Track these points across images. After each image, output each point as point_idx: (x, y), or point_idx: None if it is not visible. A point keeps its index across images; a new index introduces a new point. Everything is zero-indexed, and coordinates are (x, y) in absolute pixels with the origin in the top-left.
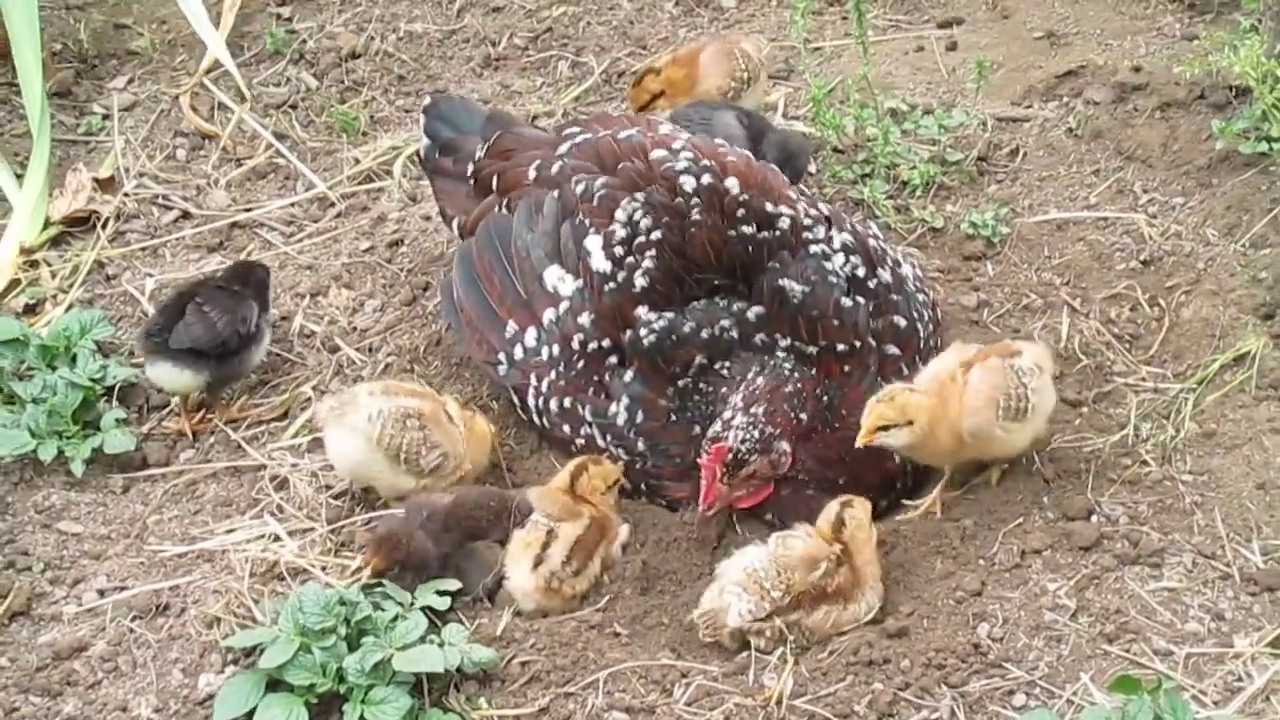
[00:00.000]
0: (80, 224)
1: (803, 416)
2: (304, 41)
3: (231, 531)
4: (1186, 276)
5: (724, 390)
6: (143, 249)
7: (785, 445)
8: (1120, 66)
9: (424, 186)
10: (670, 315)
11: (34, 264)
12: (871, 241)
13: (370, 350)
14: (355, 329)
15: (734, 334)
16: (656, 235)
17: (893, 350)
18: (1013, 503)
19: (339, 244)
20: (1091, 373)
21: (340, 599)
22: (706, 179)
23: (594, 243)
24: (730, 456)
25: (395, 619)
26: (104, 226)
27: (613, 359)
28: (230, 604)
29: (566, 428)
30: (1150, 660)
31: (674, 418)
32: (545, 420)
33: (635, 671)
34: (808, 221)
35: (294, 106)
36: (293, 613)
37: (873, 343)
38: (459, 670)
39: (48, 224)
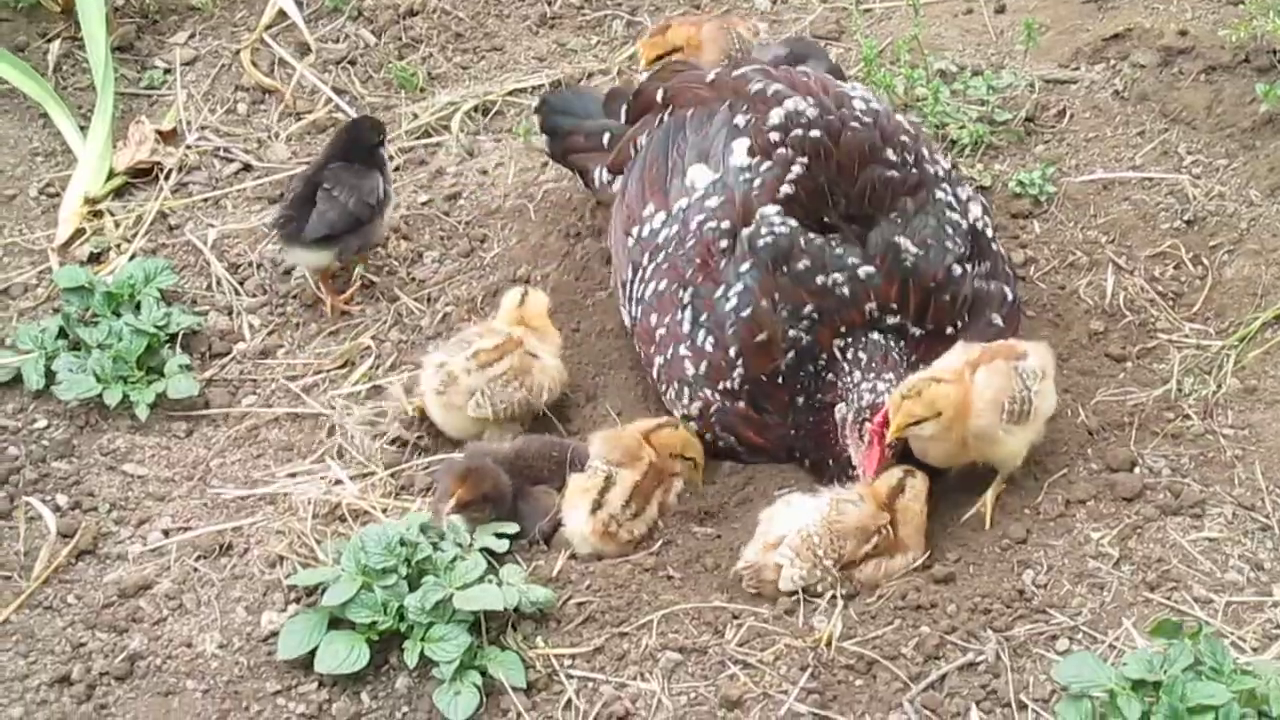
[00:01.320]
0: (143, 175)
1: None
2: None
3: (293, 475)
4: (1229, 236)
5: (839, 371)
6: (204, 200)
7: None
8: (1166, 30)
9: (481, 141)
10: (793, 224)
11: (98, 214)
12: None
13: (429, 300)
14: (414, 279)
15: (845, 291)
16: (814, 134)
17: (996, 321)
18: (1058, 454)
19: (398, 196)
20: (1135, 329)
21: (401, 539)
22: (878, 106)
23: (741, 144)
24: (884, 419)
25: (455, 559)
26: (166, 178)
27: (725, 243)
28: (293, 544)
29: (654, 317)
30: (1190, 607)
31: (783, 369)
32: (639, 309)
33: (688, 613)
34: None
35: (352, 62)
36: (355, 552)
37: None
38: (516, 610)
39: (112, 175)
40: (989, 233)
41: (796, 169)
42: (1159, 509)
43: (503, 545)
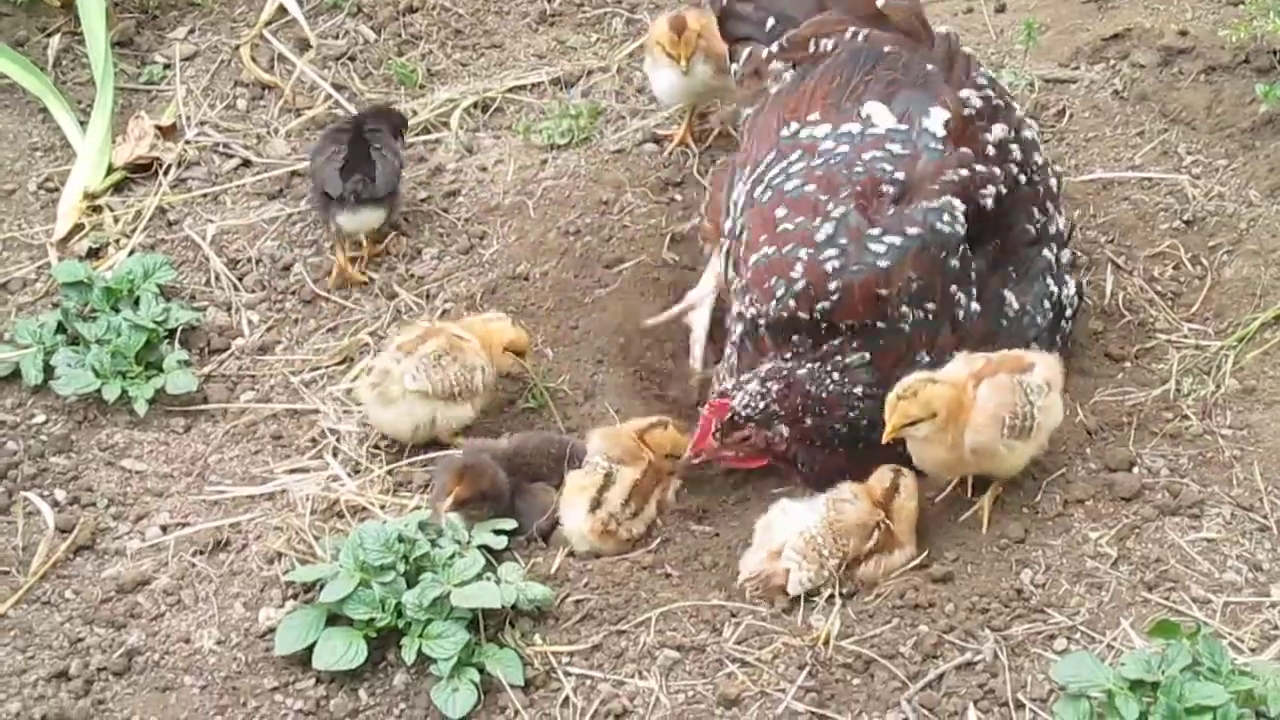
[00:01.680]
0: (142, 170)
1: (808, 421)
2: None
3: (292, 471)
4: (1228, 236)
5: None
6: (204, 195)
7: (785, 430)
8: (1166, 30)
9: (480, 138)
10: (964, 229)
11: (97, 209)
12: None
13: (428, 297)
14: (413, 276)
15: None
16: (1012, 168)
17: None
18: (1056, 454)
19: None
20: (1134, 329)
21: (399, 536)
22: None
23: (939, 115)
24: (729, 415)
25: (453, 556)
26: (166, 173)
27: (891, 190)
28: (291, 540)
29: (784, 210)
30: (1189, 608)
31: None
32: (766, 193)
33: (686, 611)
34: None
35: (352, 59)
36: (353, 549)
37: None
38: (514, 607)
39: (111, 170)
40: (1069, 314)
41: (990, 189)
42: (1157, 509)
43: (501, 542)
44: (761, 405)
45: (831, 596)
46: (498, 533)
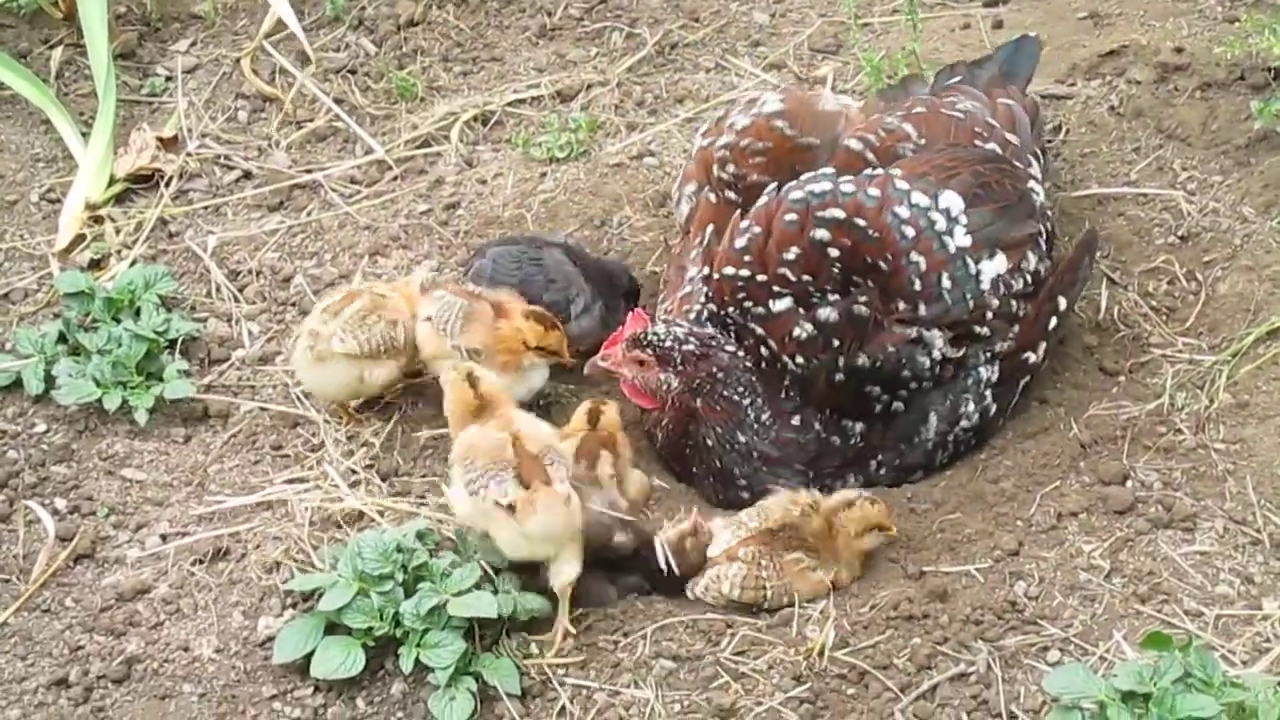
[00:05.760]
0: (144, 182)
1: (696, 399)
2: (363, 8)
3: (291, 481)
4: (1223, 252)
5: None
6: (205, 207)
7: (673, 382)
8: (1162, 47)
9: (480, 151)
10: None
11: (99, 220)
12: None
13: None
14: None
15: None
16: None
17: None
18: (1050, 467)
19: (397, 205)
20: (1129, 343)
21: (398, 545)
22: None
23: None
24: (641, 332)
25: (451, 566)
26: (167, 185)
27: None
28: (290, 550)
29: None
30: (1181, 620)
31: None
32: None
33: (682, 623)
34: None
35: (353, 72)
36: (352, 558)
37: None
38: (511, 617)
39: (112, 181)
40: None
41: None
42: (1150, 522)
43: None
44: (670, 346)
45: (826, 609)
46: None
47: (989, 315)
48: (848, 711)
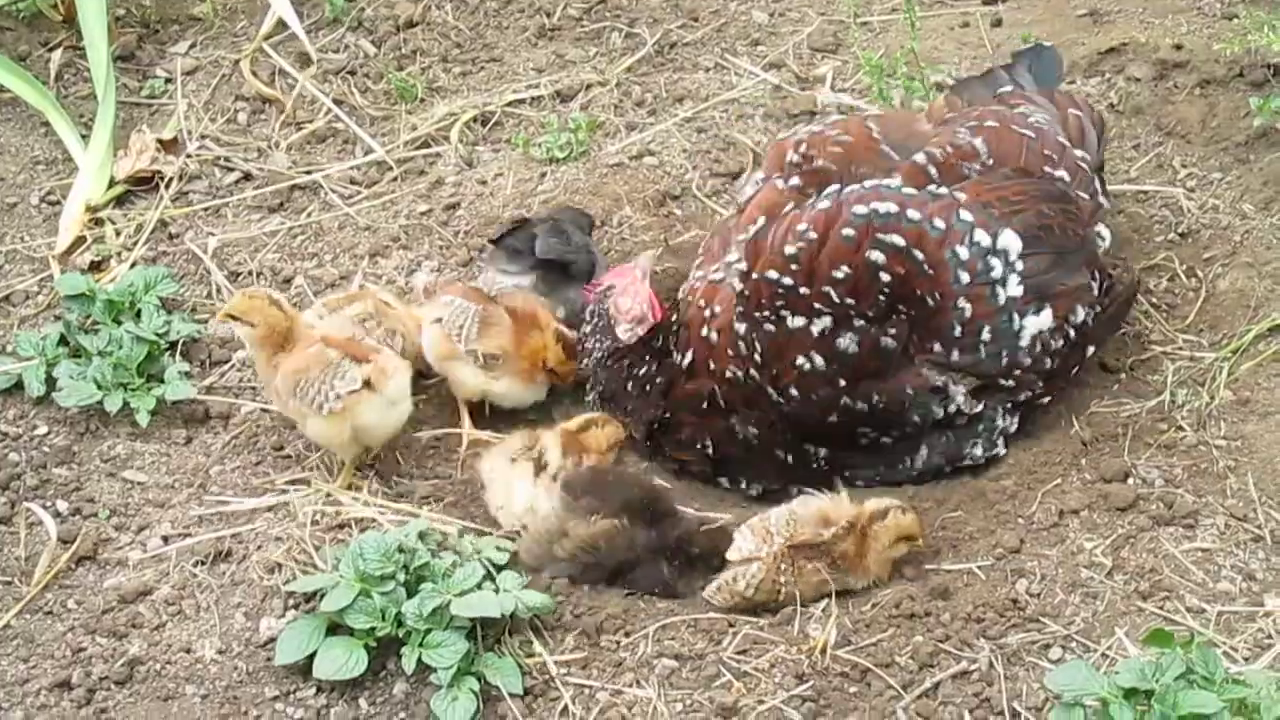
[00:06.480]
0: (144, 184)
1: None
2: (362, 9)
3: (292, 482)
4: (1223, 249)
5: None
6: (205, 209)
7: (625, 331)
8: (1161, 44)
9: (480, 152)
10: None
11: (99, 222)
12: None
13: None
14: (412, 289)
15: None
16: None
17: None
18: (1052, 464)
19: (397, 206)
20: (1130, 340)
21: (399, 546)
22: None
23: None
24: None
25: (452, 566)
26: (167, 186)
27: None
28: (291, 551)
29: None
30: (1183, 617)
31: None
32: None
33: (685, 622)
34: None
35: (352, 73)
36: (353, 559)
37: None
38: (513, 616)
39: (112, 183)
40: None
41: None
42: (1152, 519)
43: (503, 558)
44: (627, 301)
45: (827, 607)
46: (500, 548)
47: (1018, 371)
48: (850, 710)
